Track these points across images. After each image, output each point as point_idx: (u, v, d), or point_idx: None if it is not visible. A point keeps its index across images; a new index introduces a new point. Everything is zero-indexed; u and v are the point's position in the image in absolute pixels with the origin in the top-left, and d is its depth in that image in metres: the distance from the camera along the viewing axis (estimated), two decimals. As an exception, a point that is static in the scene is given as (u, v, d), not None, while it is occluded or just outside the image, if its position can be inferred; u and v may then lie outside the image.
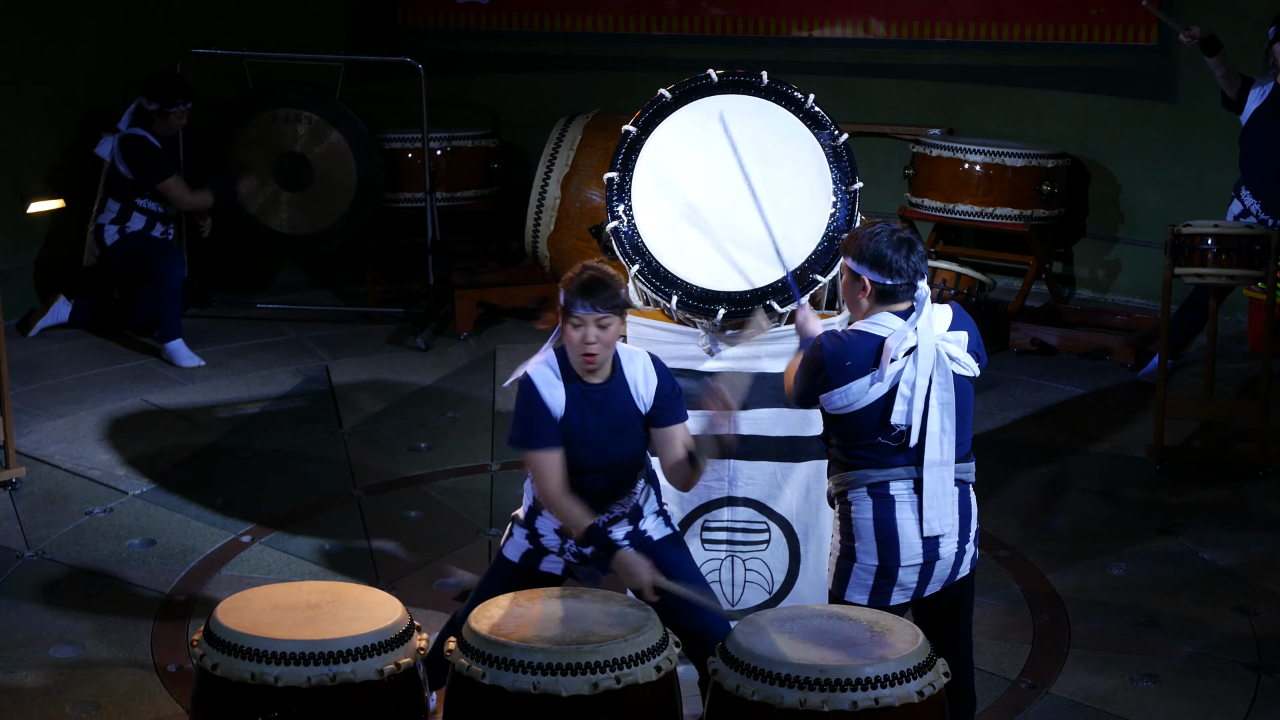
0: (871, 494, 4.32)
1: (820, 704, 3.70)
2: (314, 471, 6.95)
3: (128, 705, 5.00)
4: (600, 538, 4.38)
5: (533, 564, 4.64)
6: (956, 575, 4.40)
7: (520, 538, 4.64)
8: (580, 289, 4.36)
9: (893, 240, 4.27)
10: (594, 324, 4.36)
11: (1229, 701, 5.08)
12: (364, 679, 3.86)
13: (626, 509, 4.56)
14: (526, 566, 4.64)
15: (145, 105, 8.40)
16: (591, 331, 4.36)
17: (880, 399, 4.25)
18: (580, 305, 4.35)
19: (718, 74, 5.31)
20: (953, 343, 4.31)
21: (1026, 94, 9.68)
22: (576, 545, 4.50)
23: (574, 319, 4.37)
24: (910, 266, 4.27)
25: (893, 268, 4.26)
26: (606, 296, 4.36)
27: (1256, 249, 6.92)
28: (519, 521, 4.66)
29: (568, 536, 4.51)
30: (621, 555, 4.36)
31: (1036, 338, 8.55)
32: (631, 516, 4.58)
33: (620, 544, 4.43)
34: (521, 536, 4.64)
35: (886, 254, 4.26)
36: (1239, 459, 7.01)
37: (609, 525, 4.51)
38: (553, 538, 4.58)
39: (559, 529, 4.53)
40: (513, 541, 4.66)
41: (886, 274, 4.27)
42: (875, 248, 4.27)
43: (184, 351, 8.29)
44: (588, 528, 4.38)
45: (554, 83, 10.43)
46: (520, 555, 4.64)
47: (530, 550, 4.63)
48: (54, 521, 6.36)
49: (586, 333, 4.36)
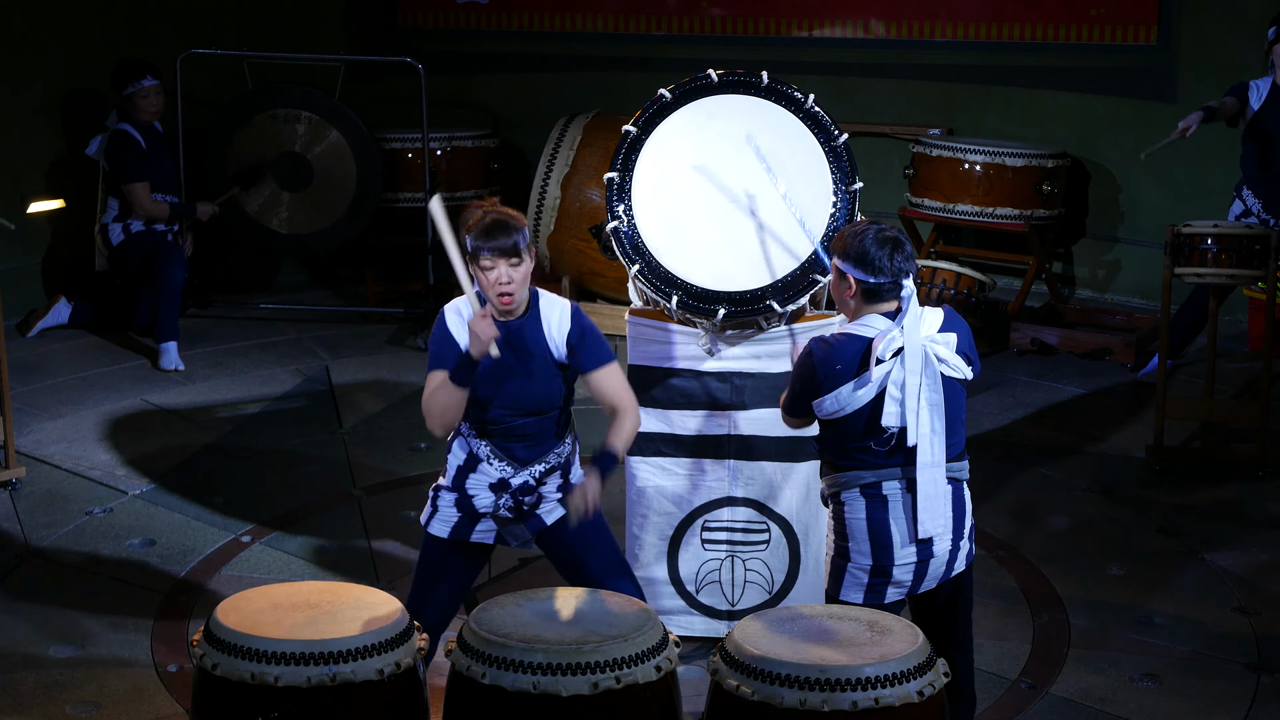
0: (864, 494, 4.33)
1: (820, 704, 3.70)
2: (314, 471, 6.95)
3: (128, 705, 5.00)
4: (466, 371, 4.44)
5: (463, 537, 4.68)
6: (952, 572, 4.40)
7: (448, 505, 4.68)
8: (485, 233, 4.46)
9: (878, 238, 4.28)
10: (504, 264, 4.46)
11: (1229, 701, 5.08)
12: (364, 679, 3.86)
13: (561, 459, 4.67)
14: (457, 541, 4.69)
15: (117, 96, 8.43)
16: (504, 271, 4.46)
17: (869, 403, 4.25)
18: (487, 249, 4.44)
19: (718, 74, 5.31)
20: (941, 344, 4.30)
21: (1026, 94, 9.68)
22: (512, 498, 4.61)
23: (484, 261, 4.46)
24: (894, 265, 4.27)
25: (876, 265, 4.26)
26: (509, 236, 4.46)
27: (1256, 249, 6.92)
28: (445, 488, 4.70)
29: (504, 489, 4.61)
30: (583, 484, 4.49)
31: (1036, 338, 8.55)
32: (563, 470, 4.69)
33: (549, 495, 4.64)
34: (450, 504, 4.68)
35: (870, 252, 4.26)
36: (1239, 459, 7.01)
37: (545, 477, 4.64)
38: (486, 495, 4.64)
39: (494, 482, 4.61)
40: (439, 516, 4.70)
41: (870, 272, 4.27)
42: (860, 246, 4.28)
43: (172, 354, 8.26)
44: (451, 372, 4.44)
45: (554, 83, 10.43)
46: (450, 529, 4.68)
47: (460, 520, 4.68)
48: (54, 521, 6.36)
49: (499, 273, 4.46)
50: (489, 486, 4.64)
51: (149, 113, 8.47)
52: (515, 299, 4.52)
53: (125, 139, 8.37)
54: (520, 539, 4.73)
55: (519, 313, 4.59)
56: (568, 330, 4.61)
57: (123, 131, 8.39)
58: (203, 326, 8.99)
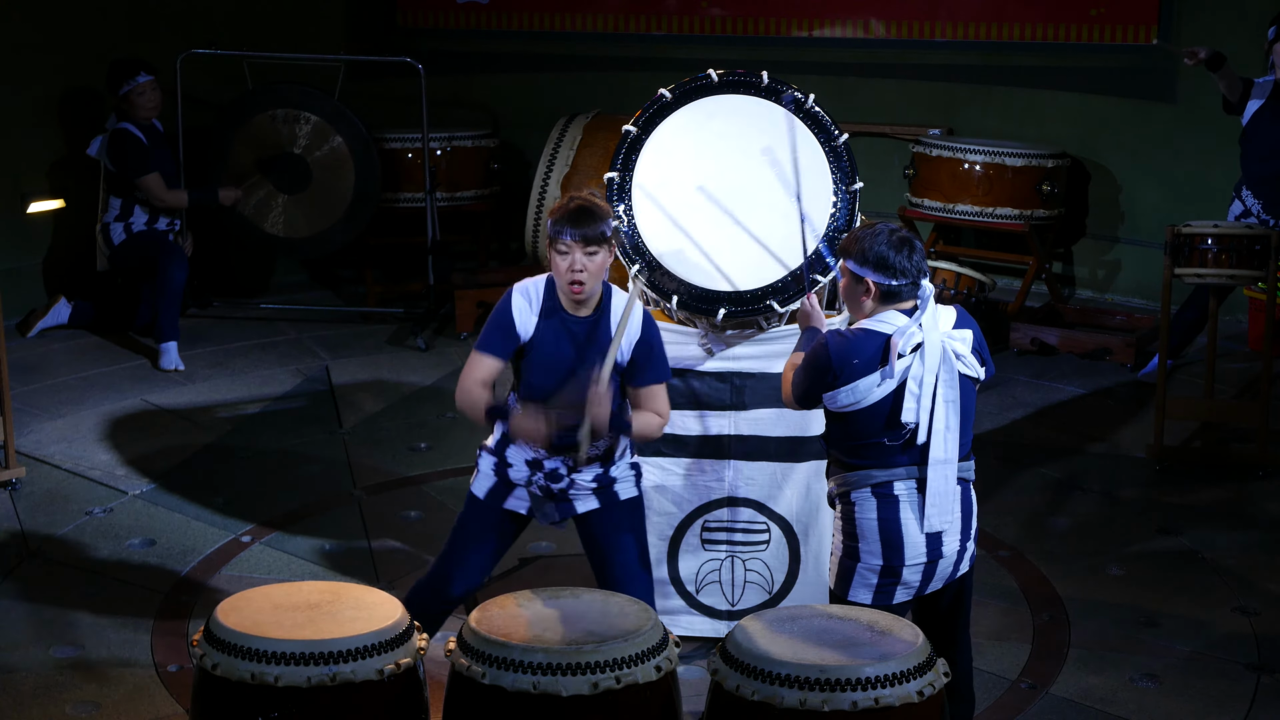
0: (875, 494, 4.32)
1: (820, 704, 3.70)
2: (314, 471, 6.95)
3: (128, 705, 5.00)
4: (500, 413, 4.48)
5: (498, 501, 4.68)
6: (957, 573, 4.40)
7: (488, 468, 4.68)
8: (568, 217, 4.42)
9: (893, 240, 4.28)
10: (580, 251, 4.41)
11: (1229, 701, 5.08)
12: (364, 679, 3.86)
13: (599, 450, 4.61)
14: (492, 505, 4.68)
15: (114, 97, 8.43)
16: (579, 259, 4.41)
17: (888, 397, 4.25)
18: (568, 233, 4.40)
19: (718, 74, 5.31)
20: (958, 340, 4.32)
21: (1026, 94, 9.68)
22: (545, 479, 4.58)
23: (560, 246, 4.42)
24: (914, 266, 4.28)
25: (896, 268, 4.27)
26: (593, 225, 4.41)
27: (1256, 249, 6.92)
28: (488, 449, 4.69)
29: (538, 469, 4.58)
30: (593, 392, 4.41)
31: (1036, 338, 8.55)
32: (603, 459, 4.63)
33: (583, 485, 4.60)
34: (489, 467, 4.67)
35: (889, 255, 4.27)
36: (1239, 459, 7.01)
37: (574, 468, 4.58)
38: (521, 468, 4.62)
39: (530, 459, 4.59)
40: (480, 475, 4.70)
41: (890, 275, 4.28)
42: (877, 250, 4.28)
43: (172, 354, 8.27)
44: (487, 409, 4.48)
45: (554, 83, 10.43)
46: (486, 491, 4.68)
47: (495, 485, 4.67)
48: (54, 521, 6.36)
49: (574, 260, 4.41)
50: (525, 462, 4.63)
51: (147, 110, 8.46)
52: (586, 289, 4.46)
53: (126, 137, 8.37)
54: (550, 518, 4.69)
55: (590, 307, 4.53)
56: (636, 340, 4.56)
57: (123, 130, 8.39)
58: (203, 326, 8.99)
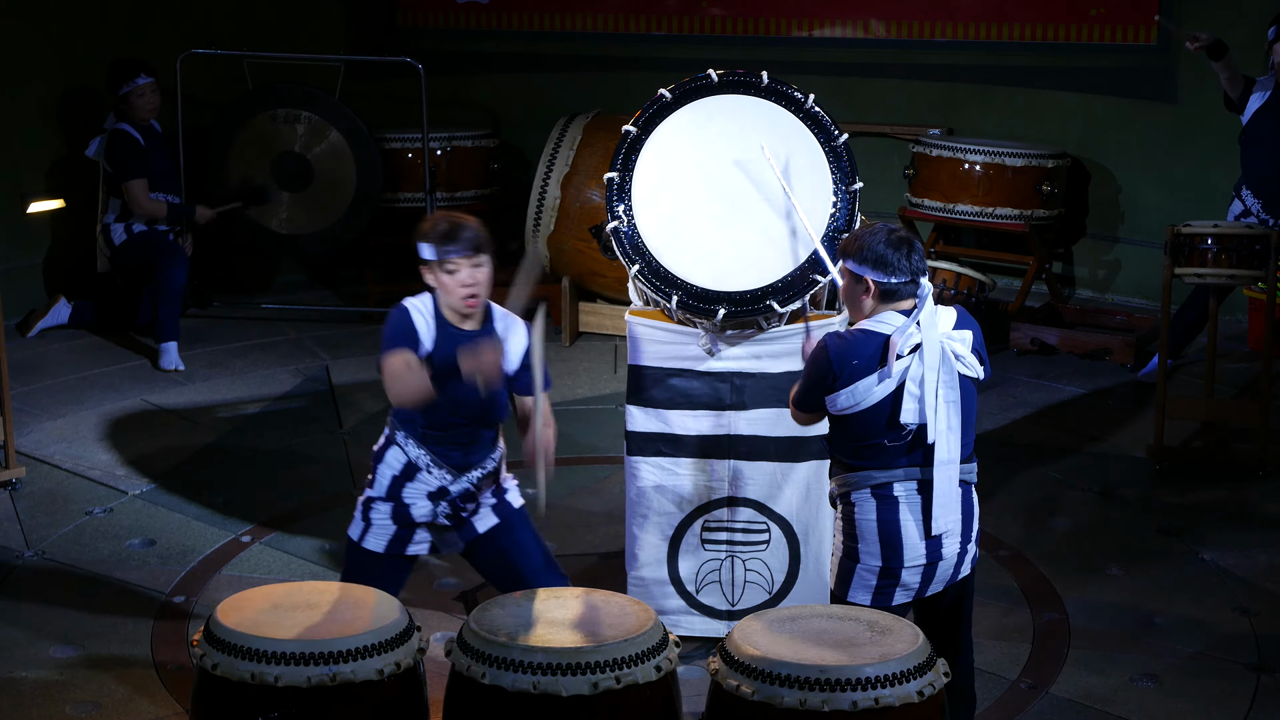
0: (875, 495, 4.32)
1: (820, 704, 3.70)
2: (314, 471, 6.95)
3: (128, 705, 5.00)
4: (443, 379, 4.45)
5: (400, 549, 4.68)
6: (958, 575, 4.40)
7: (383, 519, 4.66)
8: (444, 237, 4.48)
9: (892, 240, 4.30)
10: (468, 266, 4.49)
11: (1229, 701, 5.08)
12: (364, 679, 3.86)
13: (495, 465, 4.68)
14: (393, 555, 4.68)
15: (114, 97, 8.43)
16: (468, 274, 4.50)
17: (887, 398, 4.25)
18: (453, 251, 4.47)
19: (718, 74, 5.31)
20: (958, 340, 4.32)
21: (1026, 94, 9.68)
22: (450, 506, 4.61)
23: (449, 266, 4.48)
24: (912, 265, 4.29)
25: (895, 267, 4.28)
26: (471, 233, 4.50)
27: (1256, 249, 6.92)
28: (379, 499, 4.66)
29: (443, 497, 4.60)
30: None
31: (1036, 338, 8.55)
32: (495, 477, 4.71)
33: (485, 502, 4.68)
34: (385, 516, 4.66)
35: (888, 254, 4.28)
36: (1239, 459, 7.01)
37: (482, 483, 4.66)
38: (423, 503, 4.63)
39: (433, 491, 4.61)
40: (374, 529, 4.68)
41: (890, 273, 4.28)
42: (876, 249, 4.29)
43: (172, 354, 8.27)
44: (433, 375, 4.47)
45: (554, 83, 10.43)
46: (387, 543, 4.68)
47: (396, 534, 4.67)
48: (54, 521, 6.36)
49: (463, 276, 4.50)
50: (427, 495, 4.64)
51: (146, 111, 8.45)
52: (481, 300, 4.56)
53: (124, 138, 8.37)
54: (454, 547, 4.75)
55: (477, 321, 4.61)
56: (523, 349, 4.64)
57: (121, 131, 8.39)
58: (203, 326, 8.99)
